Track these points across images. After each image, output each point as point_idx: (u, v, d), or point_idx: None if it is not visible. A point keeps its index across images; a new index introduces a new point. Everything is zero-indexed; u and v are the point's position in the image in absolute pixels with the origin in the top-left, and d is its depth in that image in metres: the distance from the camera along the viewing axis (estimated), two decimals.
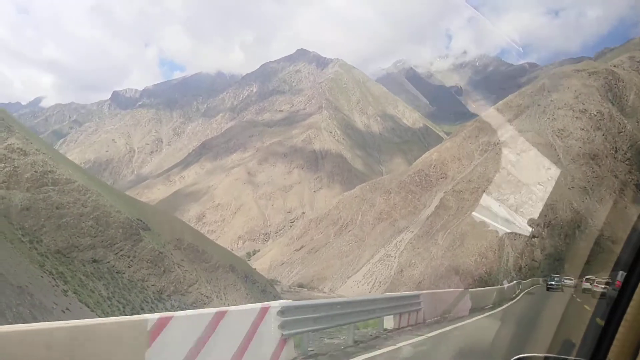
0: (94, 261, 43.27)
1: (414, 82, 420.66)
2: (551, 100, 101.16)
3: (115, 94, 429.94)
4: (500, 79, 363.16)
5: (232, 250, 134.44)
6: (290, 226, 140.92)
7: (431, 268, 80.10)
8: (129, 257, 46.14)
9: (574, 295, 24.12)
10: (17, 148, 44.38)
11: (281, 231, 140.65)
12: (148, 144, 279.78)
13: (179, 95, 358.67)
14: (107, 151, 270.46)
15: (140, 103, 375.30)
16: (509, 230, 72.87)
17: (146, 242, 48.61)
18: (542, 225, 72.97)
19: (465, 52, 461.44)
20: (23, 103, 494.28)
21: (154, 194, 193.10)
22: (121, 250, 45.96)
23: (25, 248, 38.42)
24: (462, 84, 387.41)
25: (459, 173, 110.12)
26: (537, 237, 70.85)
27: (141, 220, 50.97)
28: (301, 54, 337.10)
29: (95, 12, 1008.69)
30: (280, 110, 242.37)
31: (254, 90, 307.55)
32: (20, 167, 43.15)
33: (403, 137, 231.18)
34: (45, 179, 44.30)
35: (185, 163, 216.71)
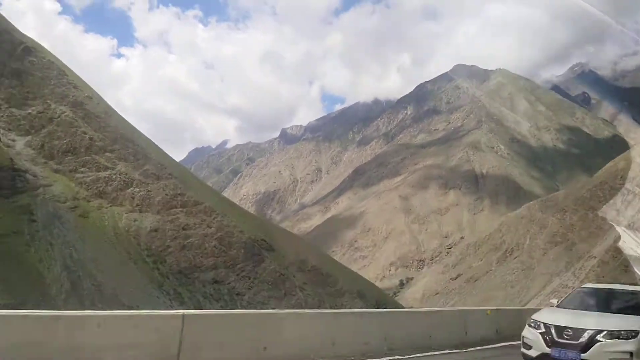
0: (215, 282, 42.29)
1: (596, 86, 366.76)
2: None
3: (283, 131, 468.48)
4: None
5: (384, 277, 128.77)
6: (447, 252, 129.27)
7: None
8: (249, 279, 44.30)
9: None
10: (152, 173, 46.69)
11: (437, 258, 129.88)
12: (309, 174, 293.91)
13: (337, 126, 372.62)
14: (274, 182, 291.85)
15: (304, 137, 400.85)
16: None
17: (268, 262, 46.45)
18: None
19: None
20: (213, 146, 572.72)
21: (312, 220, 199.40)
22: (242, 271, 44.42)
23: (148, 268, 38.96)
24: None
25: None
26: None
27: (265, 241, 49.30)
28: (459, 70, 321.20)
29: (266, 59, 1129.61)
30: (435, 130, 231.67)
31: (408, 113, 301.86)
32: (152, 190, 45.08)
33: (584, 148, 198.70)
34: (174, 202, 45.52)
35: (339, 190, 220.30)
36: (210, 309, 38.94)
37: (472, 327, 12.00)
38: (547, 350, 7.46)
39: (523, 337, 8.17)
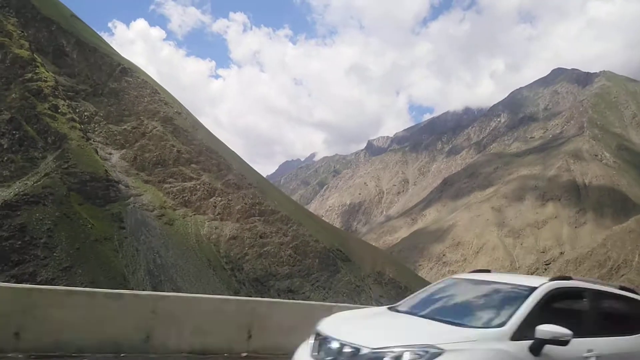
0: (290, 291, 42.74)
1: None
2: None
3: (369, 143, 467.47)
4: None
5: None
6: (545, 269, 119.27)
7: None
8: (324, 289, 44.19)
9: None
10: (233, 183, 48.72)
11: (534, 274, 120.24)
12: (395, 185, 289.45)
13: (425, 136, 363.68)
14: (359, 194, 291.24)
15: (390, 148, 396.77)
16: None
17: (343, 273, 46.02)
18: None
19: None
20: (302, 159, 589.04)
21: (398, 233, 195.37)
22: (317, 281, 44.46)
23: (226, 275, 40.46)
24: None
25: None
26: None
27: (340, 251, 48.94)
28: (557, 74, 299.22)
29: (352, 72, 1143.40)
30: (531, 138, 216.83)
31: (502, 120, 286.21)
32: (233, 200, 46.99)
33: None
34: (253, 210, 47.05)
35: (426, 201, 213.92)
36: None
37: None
38: None
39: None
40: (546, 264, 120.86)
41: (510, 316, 4.54)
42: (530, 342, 4.31)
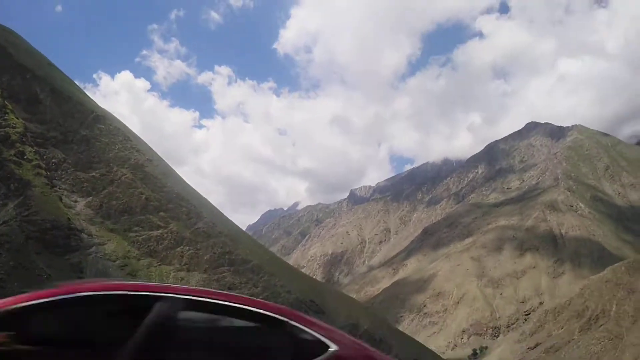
0: None
1: None
2: None
3: (352, 193, 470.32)
4: None
5: (455, 345, 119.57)
6: (525, 319, 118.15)
7: None
8: None
9: None
10: (202, 231, 48.03)
11: (513, 325, 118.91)
12: (377, 234, 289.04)
13: (406, 186, 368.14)
14: (342, 243, 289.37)
15: (372, 198, 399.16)
16: None
17: None
18: None
19: None
20: (285, 208, 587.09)
21: (380, 283, 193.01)
22: None
23: None
24: None
25: None
26: None
27: (314, 302, 47.84)
28: (531, 128, 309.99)
29: (335, 123, 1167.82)
30: (508, 189, 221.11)
31: (480, 172, 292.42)
32: (202, 249, 46.14)
33: None
34: (222, 260, 46.12)
35: (407, 251, 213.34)
36: None
37: None
38: None
39: None
40: (526, 314, 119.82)
41: None
42: None
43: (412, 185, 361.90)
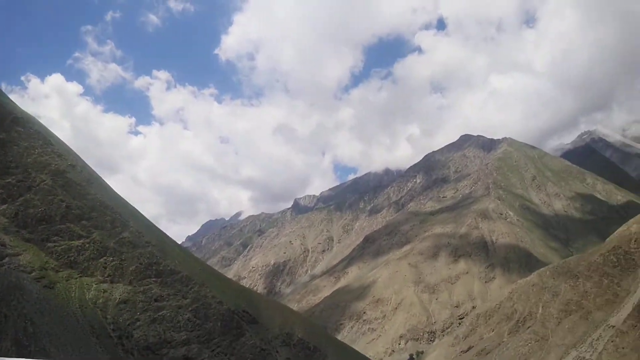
0: (186, 359, 39.59)
1: (606, 152, 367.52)
2: None
3: (296, 202, 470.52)
4: None
5: (393, 351, 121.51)
6: (459, 323, 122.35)
7: None
8: (226, 355, 41.38)
9: None
10: (128, 241, 45.64)
11: (448, 329, 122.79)
12: (320, 243, 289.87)
13: (350, 196, 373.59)
14: (284, 253, 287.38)
15: (316, 207, 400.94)
16: None
17: (248, 337, 43.64)
18: None
19: None
20: (226, 218, 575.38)
21: (322, 292, 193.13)
22: (218, 346, 41.63)
23: (111, 343, 36.68)
24: None
25: None
26: None
27: (247, 312, 46.72)
28: (465, 140, 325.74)
29: (279, 132, 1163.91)
30: (443, 197, 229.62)
31: (418, 181, 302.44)
32: (127, 260, 43.79)
33: (597, 214, 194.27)
34: (149, 271, 44.00)
35: (349, 259, 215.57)
36: None
37: None
38: None
39: None
40: (460, 318, 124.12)
41: None
42: None
43: (355, 194, 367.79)
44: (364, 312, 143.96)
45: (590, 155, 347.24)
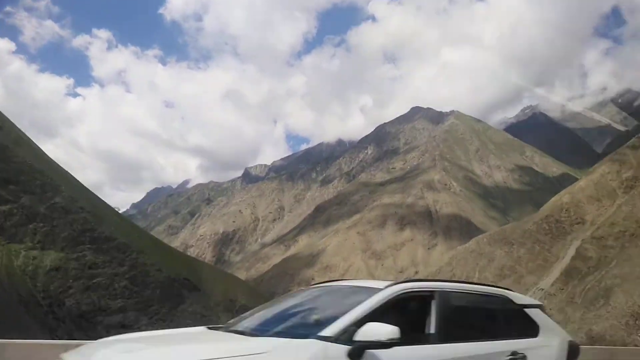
0: (122, 326, 38.64)
1: (547, 127, 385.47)
2: None
3: (246, 171, 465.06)
4: None
5: None
6: None
7: (567, 333, 62.28)
8: (164, 322, 40.83)
9: None
10: (60, 207, 43.50)
11: None
12: (271, 213, 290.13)
13: (302, 166, 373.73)
14: (234, 222, 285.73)
15: (267, 177, 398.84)
16: None
17: (189, 303, 43.28)
18: None
19: (604, 89, 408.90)
20: (173, 186, 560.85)
21: (271, 260, 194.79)
22: (157, 313, 41.03)
23: (41, 312, 35.30)
24: (604, 124, 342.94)
25: (599, 216, 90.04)
26: None
27: (188, 280, 46.25)
28: (415, 112, 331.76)
29: (228, 98, 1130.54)
30: (393, 169, 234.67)
31: (369, 152, 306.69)
32: (59, 226, 41.82)
33: (534, 185, 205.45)
34: (82, 238, 42.27)
35: (299, 228, 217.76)
36: None
37: None
38: None
39: None
40: None
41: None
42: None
43: (308, 164, 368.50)
44: (313, 279, 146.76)
45: (532, 129, 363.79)
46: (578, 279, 73.67)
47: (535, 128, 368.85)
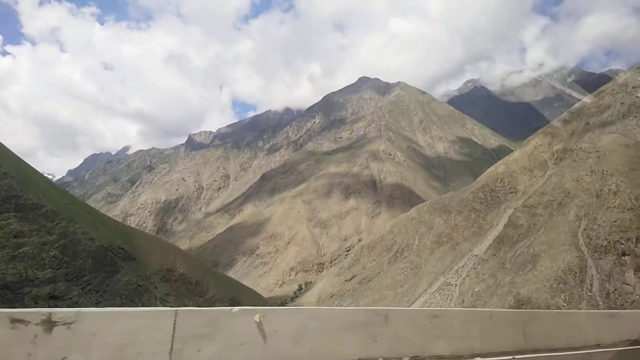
0: (52, 297, 36.81)
1: (487, 100, 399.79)
2: (637, 97, 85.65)
3: (190, 138, 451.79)
4: (582, 90, 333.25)
5: (283, 283, 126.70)
6: (346, 255, 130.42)
7: (497, 297, 66.61)
8: (98, 292, 39.31)
9: None
10: None
11: (336, 260, 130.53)
12: (216, 181, 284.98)
13: (248, 134, 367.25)
14: (177, 190, 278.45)
15: (212, 144, 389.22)
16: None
17: (123, 273, 41.77)
18: (635, 240, 57.39)
19: (541, 65, 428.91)
20: (113, 152, 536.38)
21: (216, 229, 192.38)
22: (89, 284, 39.35)
23: None
24: (540, 98, 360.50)
25: (531, 186, 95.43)
26: (628, 255, 55.61)
27: (123, 249, 44.55)
28: (363, 82, 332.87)
29: (171, 61, 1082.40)
30: (339, 138, 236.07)
31: (317, 121, 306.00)
32: None
33: (473, 156, 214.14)
34: (7, 205, 39.30)
35: (245, 196, 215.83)
36: None
37: None
38: None
39: None
40: (347, 251, 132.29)
41: None
42: None
43: (254, 132, 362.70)
44: (257, 248, 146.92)
45: (473, 101, 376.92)
46: (509, 246, 78.01)
47: (476, 101, 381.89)
